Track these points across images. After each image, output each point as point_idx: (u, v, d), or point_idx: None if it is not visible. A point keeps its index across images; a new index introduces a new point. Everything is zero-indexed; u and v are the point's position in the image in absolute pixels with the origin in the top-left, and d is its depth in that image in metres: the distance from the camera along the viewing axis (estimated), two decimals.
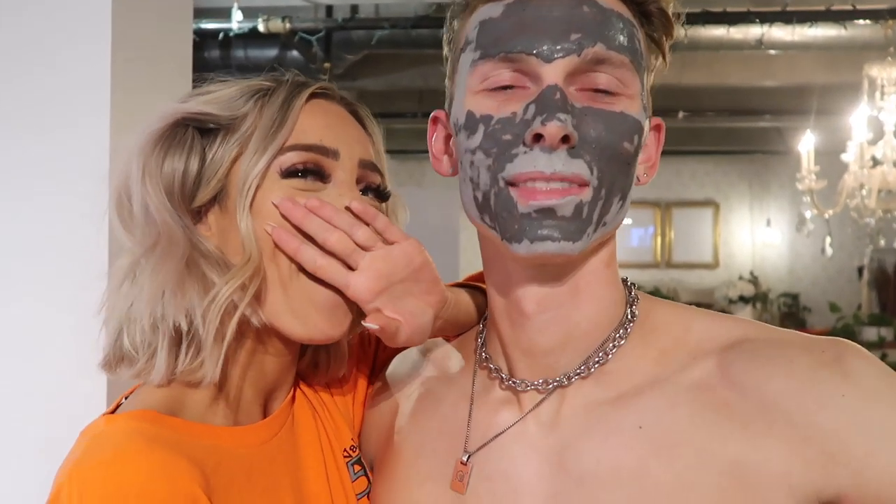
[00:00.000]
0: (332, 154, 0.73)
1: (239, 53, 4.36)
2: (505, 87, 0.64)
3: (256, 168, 0.70)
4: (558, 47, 0.61)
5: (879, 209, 3.74)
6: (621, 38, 0.63)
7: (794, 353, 0.62)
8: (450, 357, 0.82)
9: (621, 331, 0.69)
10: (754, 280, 5.80)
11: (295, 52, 4.15)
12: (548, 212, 0.61)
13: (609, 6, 0.64)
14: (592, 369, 0.68)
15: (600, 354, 0.68)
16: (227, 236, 0.72)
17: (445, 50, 0.73)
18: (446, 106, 0.73)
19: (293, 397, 0.80)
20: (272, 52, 4.36)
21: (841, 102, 4.36)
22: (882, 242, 4.03)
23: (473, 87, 0.65)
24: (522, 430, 0.69)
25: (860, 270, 7.03)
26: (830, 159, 4.36)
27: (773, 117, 5.72)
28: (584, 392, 0.68)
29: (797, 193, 4.06)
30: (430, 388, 0.80)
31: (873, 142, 3.72)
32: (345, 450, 0.81)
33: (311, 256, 0.70)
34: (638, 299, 0.71)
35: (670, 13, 0.67)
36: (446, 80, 0.73)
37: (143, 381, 0.69)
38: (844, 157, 3.84)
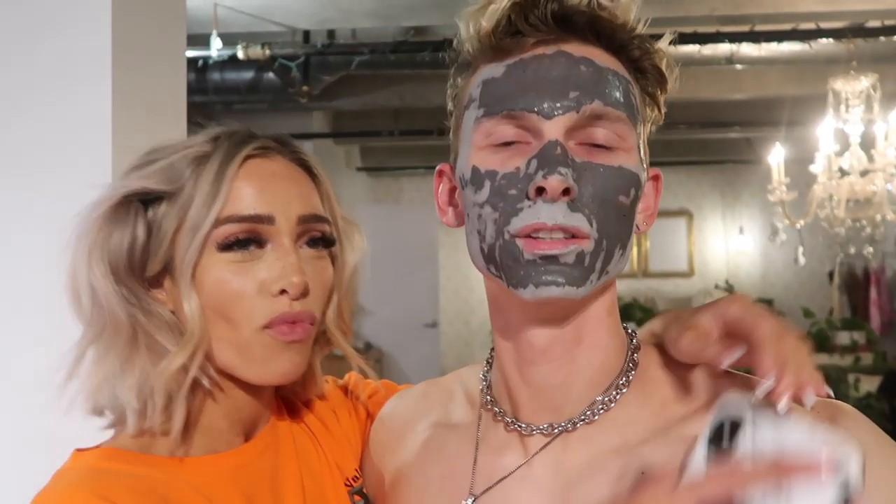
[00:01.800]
0: (267, 220, 0.74)
1: (215, 76, 4.31)
2: (508, 143, 0.66)
3: (193, 246, 0.73)
4: (558, 104, 0.64)
5: (848, 218, 3.83)
6: (617, 94, 0.66)
7: (794, 411, 0.63)
8: (453, 398, 0.83)
9: (623, 378, 0.71)
10: (729, 289, 5.92)
11: (271, 75, 4.15)
12: (551, 259, 0.63)
13: (605, 65, 0.66)
14: (597, 416, 0.69)
15: (605, 401, 0.70)
16: (179, 305, 0.75)
17: (450, 105, 0.75)
18: (451, 160, 0.75)
19: (277, 424, 0.83)
20: (248, 75, 4.34)
21: (808, 113, 4.47)
22: (852, 250, 4.12)
23: (478, 143, 0.68)
24: (527, 474, 0.70)
25: (830, 275, 7.17)
26: (800, 167, 4.46)
27: (742, 128, 5.85)
28: (589, 437, 0.69)
29: (768, 201, 4.14)
30: (433, 430, 0.81)
31: (840, 153, 3.81)
32: (347, 479, 0.84)
33: None
34: (639, 348, 0.73)
35: (664, 68, 0.70)
36: (450, 135, 0.75)
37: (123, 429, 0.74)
38: (813, 168, 3.93)
